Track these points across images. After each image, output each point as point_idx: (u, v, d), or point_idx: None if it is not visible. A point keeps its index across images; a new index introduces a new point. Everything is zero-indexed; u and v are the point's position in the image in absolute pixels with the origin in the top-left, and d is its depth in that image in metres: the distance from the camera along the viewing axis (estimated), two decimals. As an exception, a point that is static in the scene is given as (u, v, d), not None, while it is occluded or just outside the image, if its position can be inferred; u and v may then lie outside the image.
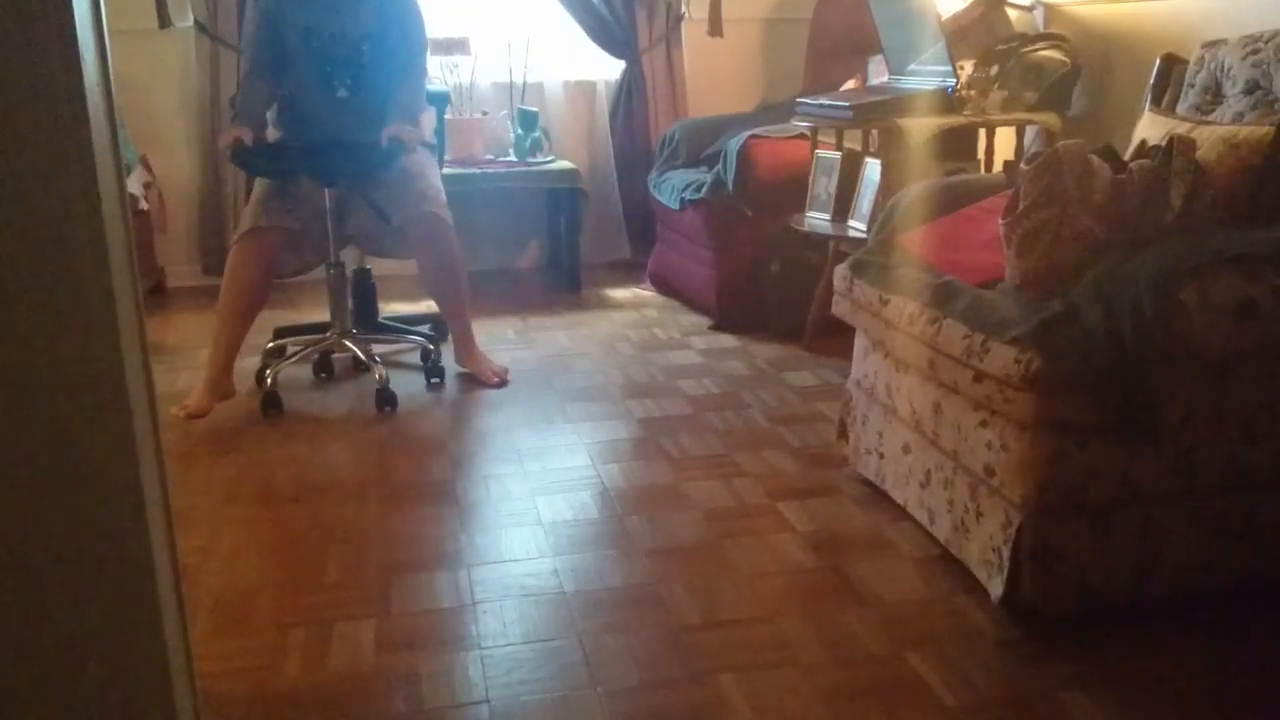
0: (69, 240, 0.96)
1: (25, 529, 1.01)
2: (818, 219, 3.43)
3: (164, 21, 4.14)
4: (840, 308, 2.42)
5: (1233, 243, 1.81)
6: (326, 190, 3.02)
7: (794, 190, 3.55)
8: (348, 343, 3.19)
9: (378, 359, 3.14)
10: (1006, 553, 1.84)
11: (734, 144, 3.61)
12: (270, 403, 3.00)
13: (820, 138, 3.57)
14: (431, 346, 3.31)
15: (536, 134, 4.33)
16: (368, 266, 3.56)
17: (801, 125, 3.57)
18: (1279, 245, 1.80)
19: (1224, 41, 2.41)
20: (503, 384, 3.22)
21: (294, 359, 3.19)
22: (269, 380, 3.03)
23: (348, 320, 3.22)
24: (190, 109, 4.31)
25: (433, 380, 3.25)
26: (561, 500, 2.42)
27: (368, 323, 3.54)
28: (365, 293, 3.56)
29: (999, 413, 1.85)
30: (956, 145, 3.38)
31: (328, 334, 3.22)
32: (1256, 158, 2.02)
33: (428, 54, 3.29)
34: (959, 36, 3.32)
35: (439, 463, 2.65)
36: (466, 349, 3.30)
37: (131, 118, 4.12)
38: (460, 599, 2.00)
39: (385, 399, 3.03)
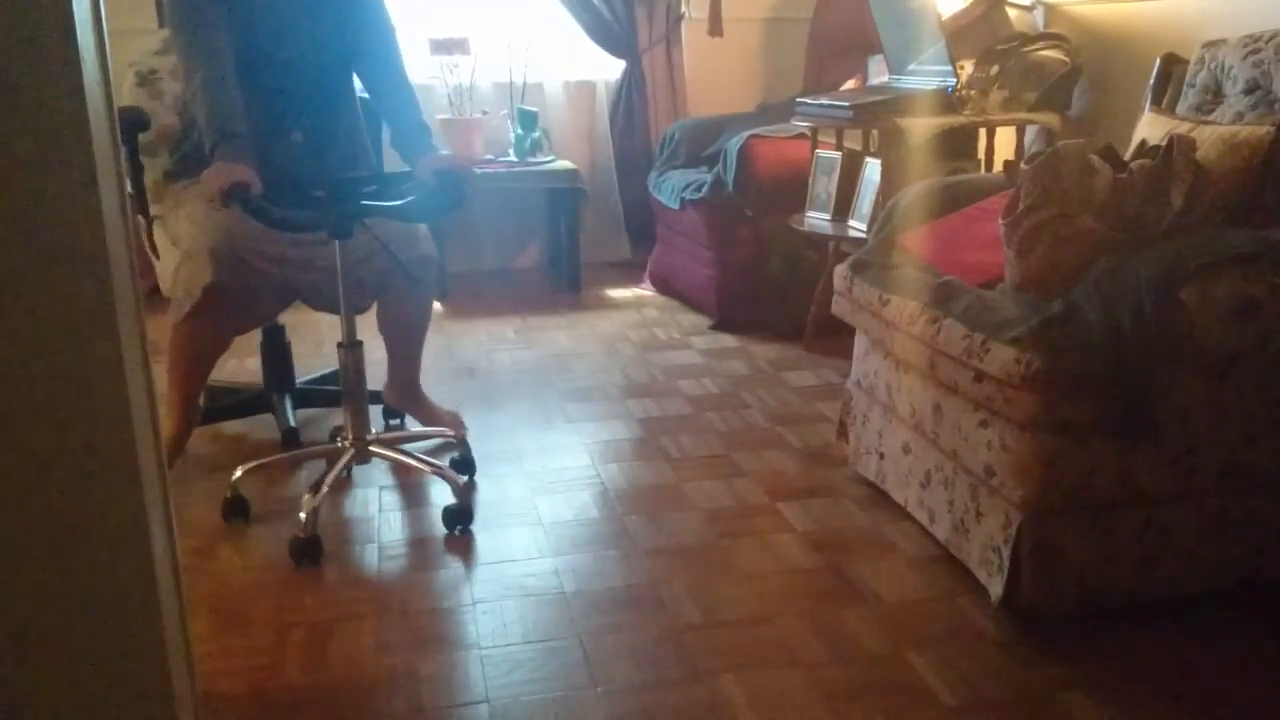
0: (69, 241, 0.96)
1: (26, 529, 1.01)
2: (818, 219, 3.43)
3: (164, 21, 4.14)
4: (840, 308, 2.42)
5: (1233, 243, 1.81)
6: (337, 244, 2.22)
7: (794, 190, 3.55)
8: (379, 450, 2.38)
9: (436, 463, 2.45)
10: (1006, 553, 1.84)
11: (734, 144, 3.61)
12: (236, 509, 2.33)
13: (820, 138, 3.57)
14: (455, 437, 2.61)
15: (536, 134, 4.33)
16: (281, 323, 2.92)
17: (801, 125, 3.57)
18: (1279, 245, 1.80)
19: (1224, 41, 2.41)
20: (461, 435, 2.64)
21: (322, 491, 2.23)
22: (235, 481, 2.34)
23: (366, 422, 2.35)
24: (190, 109, 4.31)
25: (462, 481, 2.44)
26: (561, 500, 2.42)
27: (283, 387, 2.90)
28: (280, 351, 2.90)
29: (999, 413, 1.85)
30: (956, 145, 3.38)
31: (338, 440, 2.39)
32: (1256, 158, 2.02)
33: None
34: (959, 36, 3.32)
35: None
36: (417, 395, 2.77)
37: (131, 118, 4.12)
38: (460, 599, 2.00)
39: (304, 550, 2.15)
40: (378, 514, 2.37)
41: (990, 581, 1.90)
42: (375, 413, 2.84)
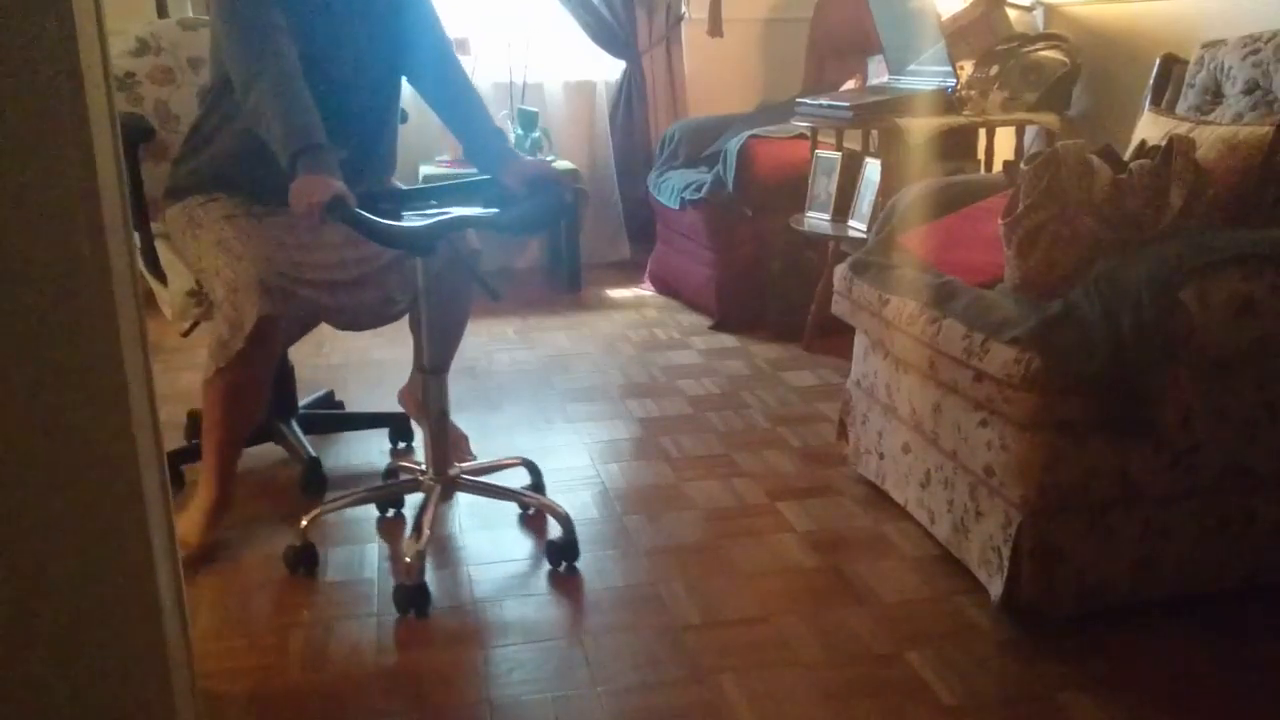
0: (69, 240, 0.97)
1: (26, 529, 1.01)
2: (818, 219, 3.43)
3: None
4: (840, 308, 2.42)
5: (1233, 243, 1.81)
6: (420, 262, 2.10)
7: (794, 190, 3.55)
8: (469, 481, 2.24)
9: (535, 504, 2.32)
10: (1006, 553, 1.84)
11: (734, 144, 3.61)
12: (303, 558, 2.13)
13: (820, 138, 3.57)
14: (529, 476, 2.39)
15: (536, 134, 4.33)
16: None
17: (801, 125, 3.57)
18: (1279, 245, 1.80)
19: (1224, 42, 2.41)
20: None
21: (425, 534, 2.05)
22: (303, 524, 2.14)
23: (448, 455, 2.19)
24: (190, 109, 4.31)
25: (562, 562, 2.15)
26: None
27: (287, 413, 2.65)
28: (282, 375, 2.62)
29: (999, 413, 1.85)
30: (956, 145, 3.38)
31: (413, 474, 2.25)
32: (1256, 158, 2.02)
33: None
34: (959, 36, 3.32)
35: (439, 463, 2.65)
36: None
37: (131, 118, 4.11)
38: (460, 599, 2.00)
39: (411, 599, 1.97)
40: (377, 514, 2.37)
41: (990, 581, 1.90)
42: (377, 437, 2.78)
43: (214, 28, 2.18)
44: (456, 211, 2.06)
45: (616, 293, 4.35)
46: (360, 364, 3.41)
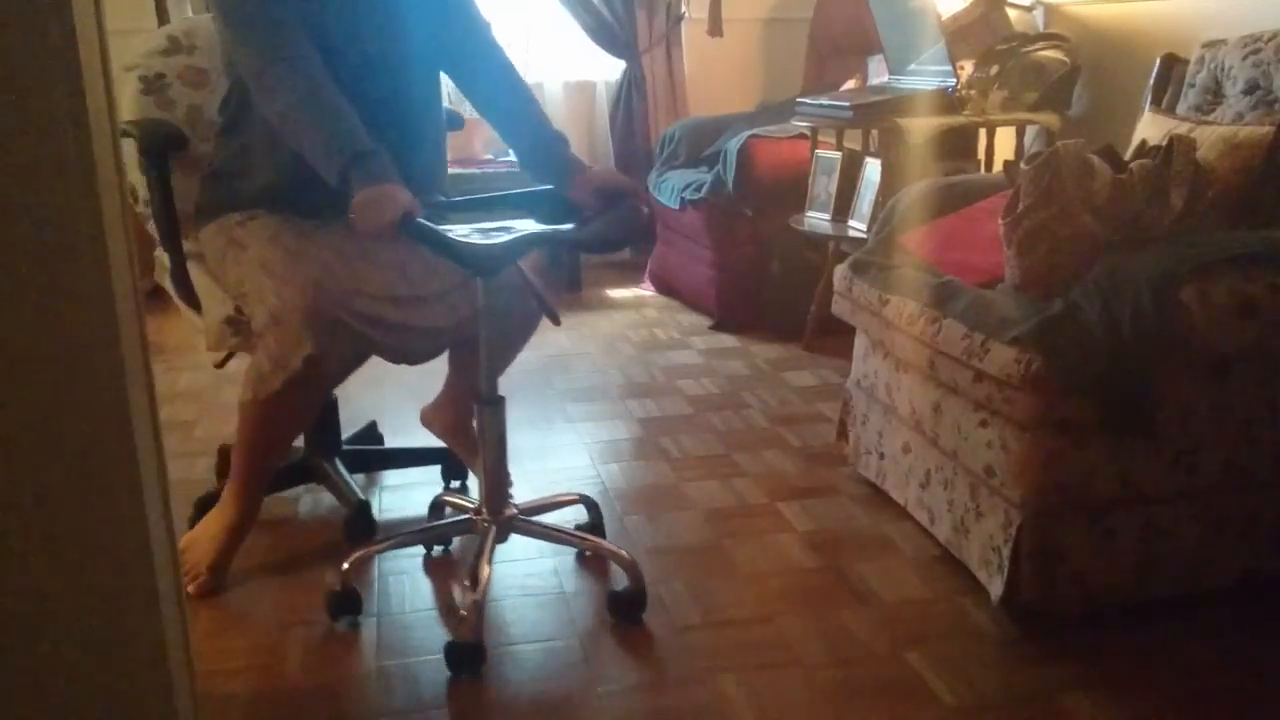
0: (69, 240, 0.96)
1: (25, 528, 1.01)
2: (818, 219, 3.43)
3: (164, 21, 4.14)
4: (840, 308, 2.42)
5: (1233, 243, 1.81)
6: (481, 283, 1.88)
7: (794, 190, 3.55)
8: (526, 522, 2.05)
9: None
10: (1006, 553, 1.84)
11: (734, 144, 3.61)
12: (346, 604, 1.94)
13: (820, 138, 3.57)
14: (589, 513, 2.23)
15: (536, 134, 4.32)
16: None
17: (801, 125, 3.57)
18: (1279, 245, 1.80)
19: (1224, 41, 2.41)
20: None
21: (482, 583, 1.87)
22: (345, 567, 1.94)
23: (506, 493, 2.02)
24: (190, 109, 4.30)
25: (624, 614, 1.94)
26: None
27: (330, 451, 2.41)
28: (326, 409, 2.39)
29: (999, 413, 1.85)
30: (956, 145, 3.38)
31: (464, 512, 2.05)
32: (1256, 158, 2.02)
33: None
34: (959, 36, 3.33)
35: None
36: (470, 428, 2.33)
37: (131, 118, 4.10)
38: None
39: (465, 659, 1.78)
40: (378, 515, 2.37)
41: (990, 581, 1.90)
42: (420, 475, 2.57)
43: (218, 32, 1.97)
44: (521, 226, 1.86)
45: (616, 293, 4.35)
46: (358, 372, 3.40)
